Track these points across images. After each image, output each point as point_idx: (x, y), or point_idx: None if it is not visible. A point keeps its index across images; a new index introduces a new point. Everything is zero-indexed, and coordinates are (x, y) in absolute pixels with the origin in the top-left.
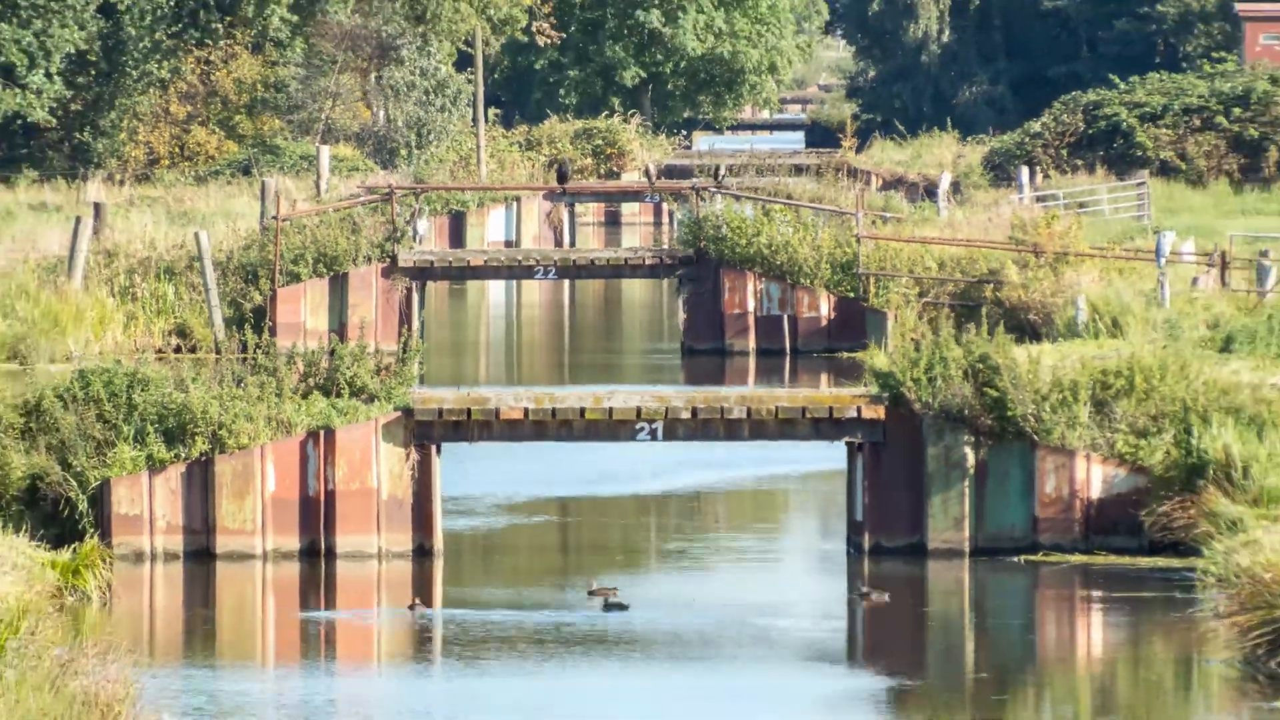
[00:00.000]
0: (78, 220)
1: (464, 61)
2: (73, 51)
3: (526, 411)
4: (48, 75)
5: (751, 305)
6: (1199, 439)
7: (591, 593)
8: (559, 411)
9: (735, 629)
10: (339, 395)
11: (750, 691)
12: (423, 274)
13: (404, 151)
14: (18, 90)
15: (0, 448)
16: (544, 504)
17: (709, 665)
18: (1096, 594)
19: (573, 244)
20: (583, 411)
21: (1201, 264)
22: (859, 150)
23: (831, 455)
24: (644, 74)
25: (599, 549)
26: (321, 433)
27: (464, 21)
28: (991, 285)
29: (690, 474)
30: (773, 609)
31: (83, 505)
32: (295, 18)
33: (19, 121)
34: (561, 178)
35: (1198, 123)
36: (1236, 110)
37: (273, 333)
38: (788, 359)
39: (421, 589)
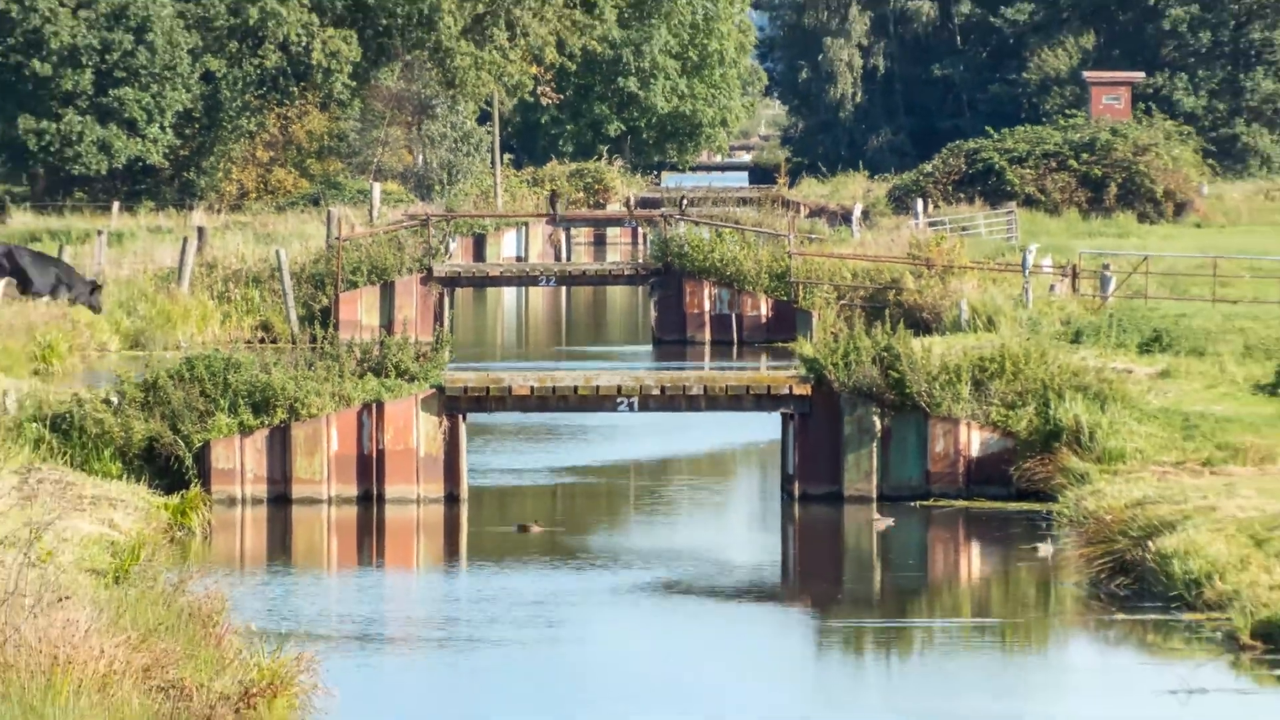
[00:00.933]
0: (185, 240)
1: (484, 117)
2: (181, 109)
3: (532, 389)
4: (161, 128)
5: (707, 306)
6: (1055, 410)
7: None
8: (557, 389)
9: (696, 555)
10: (387, 376)
11: (704, 589)
12: (452, 282)
13: (438, 187)
14: (139, 139)
15: (125, 416)
16: (547, 468)
17: (676, 569)
18: (975, 531)
19: (569, 259)
20: (576, 389)
21: (1057, 275)
22: (790, 186)
23: (767, 425)
24: (624, 127)
25: (588, 496)
26: (374, 405)
27: (484, 86)
28: (893, 291)
29: (659, 443)
30: (724, 540)
31: (188, 461)
32: (354, 83)
33: (139, 163)
34: (551, 203)
35: (1054, 165)
36: (1084, 155)
37: (335, 327)
38: (735, 348)
39: (451, 528)
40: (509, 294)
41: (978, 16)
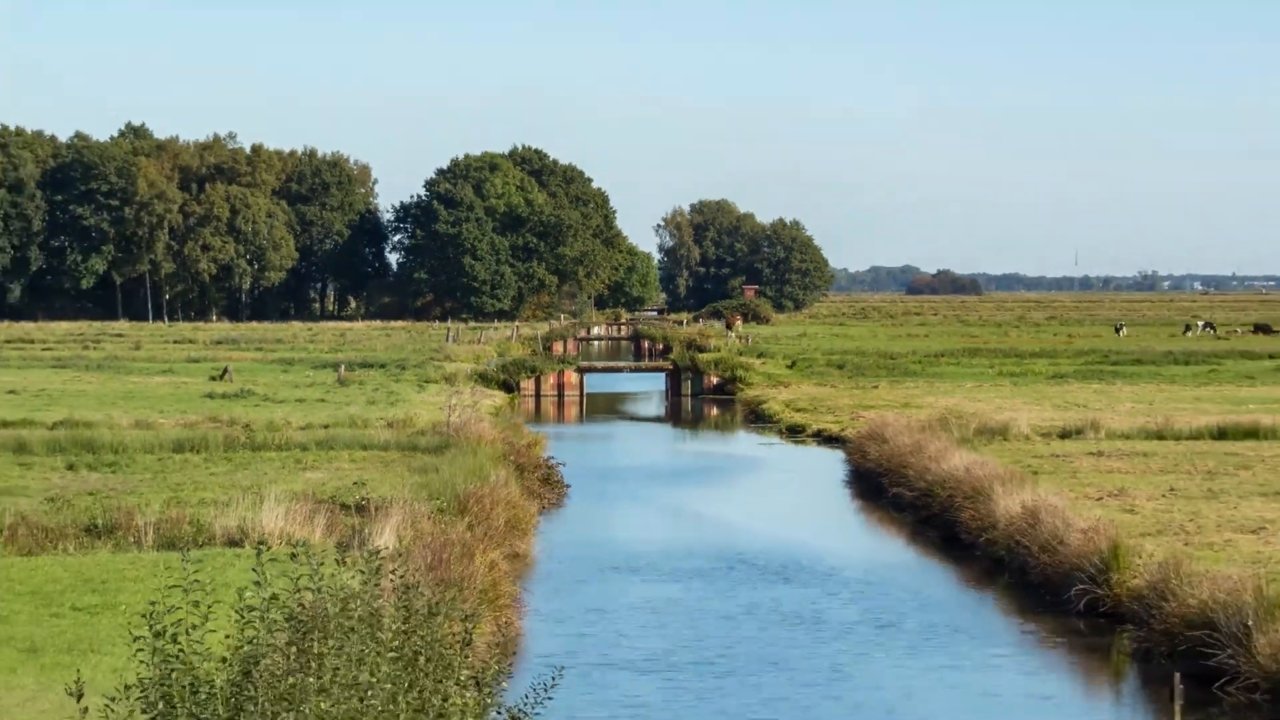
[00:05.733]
0: (513, 330)
1: (589, 296)
2: (511, 297)
3: (604, 367)
4: (505, 300)
5: (647, 346)
6: (735, 372)
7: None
8: (609, 366)
9: (639, 411)
10: (565, 362)
11: (641, 419)
12: (582, 340)
13: (580, 318)
14: (498, 302)
15: (497, 372)
16: (607, 393)
17: (631, 416)
18: (715, 402)
19: (611, 335)
20: (615, 366)
21: (737, 334)
22: (669, 314)
23: (660, 379)
24: (626, 298)
25: (613, 399)
26: (562, 370)
27: (590, 290)
28: (696, 339)
29: (632, 384)
30: (646, 405)
31: (515, 385)
32: (555, 291)
33: (501, 309)
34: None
35: (736, 311)
36: (743, 308)
37: (550, 350)
38: (654, 357)
39: (577, 406)
40: (597, 345)
41: (714, 271)
